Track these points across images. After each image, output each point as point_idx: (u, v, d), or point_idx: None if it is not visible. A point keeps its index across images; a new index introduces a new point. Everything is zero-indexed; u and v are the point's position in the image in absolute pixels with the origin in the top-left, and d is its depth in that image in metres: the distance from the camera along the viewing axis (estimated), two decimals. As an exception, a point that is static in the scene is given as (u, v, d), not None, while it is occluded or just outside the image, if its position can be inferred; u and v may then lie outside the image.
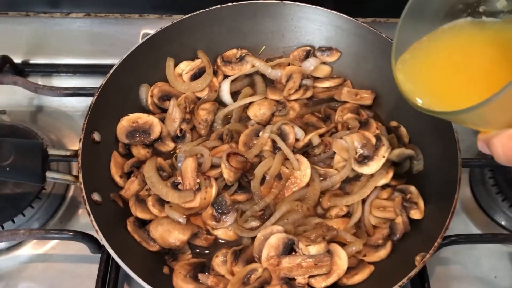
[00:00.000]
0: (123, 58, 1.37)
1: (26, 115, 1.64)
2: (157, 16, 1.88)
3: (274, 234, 1.18)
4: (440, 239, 1.11)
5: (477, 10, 0.91)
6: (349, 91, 1.47)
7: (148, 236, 1.21)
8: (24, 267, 1.35)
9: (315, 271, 1.14)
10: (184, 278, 1.12)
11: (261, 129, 1.38)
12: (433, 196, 1.27)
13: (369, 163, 1.27)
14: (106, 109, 1.32)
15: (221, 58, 1.52)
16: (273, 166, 1.30)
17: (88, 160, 1.22)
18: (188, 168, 1.27)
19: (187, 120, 1.40)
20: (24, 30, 1.80)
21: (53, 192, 1.44)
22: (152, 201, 1.24)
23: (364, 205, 1.27)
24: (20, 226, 1.36)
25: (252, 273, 1.13)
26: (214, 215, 1.24)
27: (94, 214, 1.13)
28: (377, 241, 1.23)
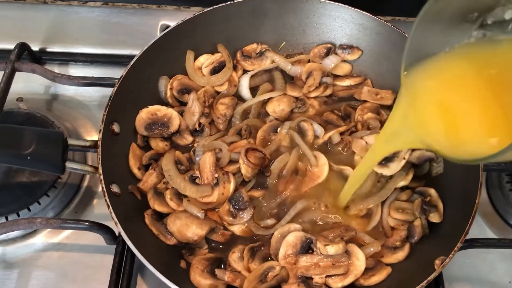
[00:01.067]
0: (143, 49, 1.36)
1: (42, 103, 1.63)
2: (175, 7, 1.86)
3: (292, 232, 1.18)
4: (460, 244, 1.11)
5: (486, 21, 0.84)
6: (370, 91, 1.45)
7: (166, 230, 1.21)
8: (38, 255, 1.35)
9: (332, 271, 1.14)
10: (201, 273, 1.12)
11: (280, 125, 1.38)
12: (452, 199, 1.26)
13: (389, 164, 1.26)
14: (126, 100, 1.31)
15: (241, 52, 1.51)
16: (289, 162, 1.29)
17: (107, 151, 1.21)
18: (206, 162, 1.26)
19: (206, 114, 1.39)
20: (41, 17, 1.78)
21: (68, 182, 1.44)
22: (170, 194, 1.23)
23: (383, 207, 1.26)
24: (36, 214, 1.36)
25: (269, 270, 1.13)
26: (231, 211, 1.23)
27: (113, 206, 1.12)
28: (395, 243, 1.23)
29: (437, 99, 0.85)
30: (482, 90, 0.78)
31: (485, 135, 0.73)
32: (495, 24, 0.83)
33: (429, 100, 0.85)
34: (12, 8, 1.80)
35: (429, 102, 0.85)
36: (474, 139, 0.75)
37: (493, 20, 0.83)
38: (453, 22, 0.85)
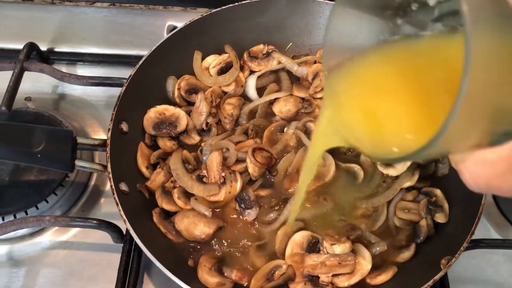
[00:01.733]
0: (152, 49, 1.37)
1: (49, 102, 1.64)
2: (181, 8, 1.88)
3: (298, 232, 1.19)
4: (466, 244, 1.11)
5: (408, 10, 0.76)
6: (375, 92, 1.46)
7: (173, 228, 1.21)
8: (45, 253, 1.36)
9: (339, 270, 1.14)
10: (209, 271, 1.13)
11: (286, 125, 1.39)
12: (457, 200, 1.27)
13: (395, 164, 1.27)
14: (134, 100, 1.33)
15: (247, 53, 1.52)
16: (295, 160, 1.31)
17: (116, 150, 1.22)
18: (213, 161, 1.27)
19: (213, 114, 1.40)
20: (49, 18, 1.80)
21: (76, 180, 1.45)
22: (178, 193, 1.24)
23: (389, 207, 1.27)
24: (44, 212, 1.37)
25: (276, 269, 1.14)
26: (237, 209, 1.24)
27: (121, 204, 1.13)
28: (401, 242, 1.23)
29: (356, 101, 0.81)
30: (401, 90, 0.75)
31: (402, 136, 0.71)
32: (418, 14, 0.76)
33: (348, 102, 0.82)
34: (20, 9, 1.82)
35: (349, 103, 0.82)
36: (393, 140, 0.72)
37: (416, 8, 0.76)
38: (372, 13, 0.79)
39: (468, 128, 0.54)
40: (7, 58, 1.54)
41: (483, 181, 0.59)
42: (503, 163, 0.56)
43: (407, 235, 1.24)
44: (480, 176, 0.59)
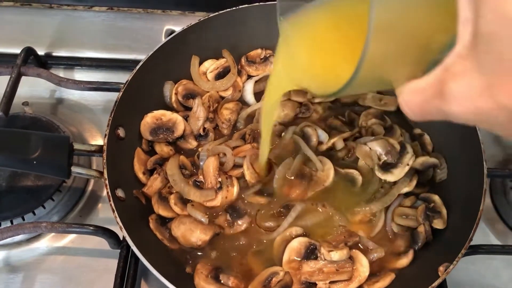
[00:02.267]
0: (149, 54, 1.36)
1: (47, 107, 1.64)
2: (180, 12, 1.87)
3: (296, 238, 1.18)
4: (464, 250, 1.11)
5: None
6: (374, 96, 1.46)
7: (170, 235, 1.21)
8: (42, 259, 1.36)
9: (336, 277, 1.14)
10: (206, 279, 1.12)
11: (284, 130, 1.38)
12: (456, 206, 1.26)
13: (393, 170, 1.26)
14: (131, 105, 1.32)
15: (245, 58, 1.52)
16: (293, 166, 1.30)
17: (112, 156, 1.21)
18: (210, 167, 1.27)
19: (210, 119, 1.40)
20: (47, 22, 1.79)
21: (73, 186, 1.44)
22: (174, 199, 1.24)
23: (387, 212, 1.26)
24: (40, 218, 1.36)
25: (273, 276, 1.13)
26: (228, 220, 1.24)
27: (118, 211, 1.13)
28: (399, 249, 1.23)
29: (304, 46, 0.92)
30: (337, 37, 0.86)
31: (338, 72, 0.80)
32: None
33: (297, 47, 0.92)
34: (18, 13, 1.81)
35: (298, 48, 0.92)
36: (332, 77, 0.83)
37: None
38: None
39: (386, 54, 0.63)
40: (4, 63, 1.53)
41: (416, 108, 0.64)
42: (430, 89, 0.61)
43: (405, 241, 1.23)
44: (413, 103, 0.65)
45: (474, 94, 0.56)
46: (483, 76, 0.55)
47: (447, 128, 1.37)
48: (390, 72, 0.67)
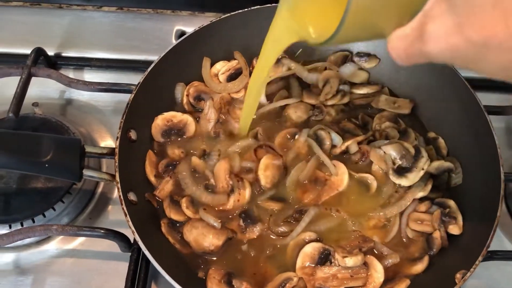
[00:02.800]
0: (161, 56, 1.35)
1: (56, 108, 1.63)
2: (189, 12, 1.86)
3: (310, 243, 1.17)
4: (481, 257, 1.09)
5: None
6: (387, 99, 1.44)
7: (182, 239, 1.20)
8: (52, 261, 1.35)
9: (350, 283, 1.12)
10: (218, 283, 1.11)
11: (297, 132, 1.37)
12: (471, 211, 1.24)
13: (408, 174, 1.25)
14: (142, 107, 1.31)
15: (257, 59, 1.50)
16: (306, 170, 1.28)
17: (124, 159, 1.20)
18: (221, 170, 1.26)
19: (222, 121, 1.38)
20: (56, 22, 1.79)
21: (83, 188, 1.43)
22: (186, 202, 1.22)
23: (402, 218, 1.24)
24: (51, 220, 1.36)
25: (287, 282, 1.12)
26: (241, 225, 1.22)
27: (130, 214, 1.11)
28: (414, 254, 1.21)
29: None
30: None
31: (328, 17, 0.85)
32: None
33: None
34: (28, 13, 1.81)
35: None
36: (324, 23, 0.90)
37: None
38: None
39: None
40: (15, 64, 1.53)
41: (402, 52, 0.71)
42: (413, 33, 0.68)
43: (420, 247, 1.22)
44: (399, 48, 0.71)
45: (447, 32, 0.63)
46: (455, 16, 0.62)
47: (462, 131, 1.35)
48: (379, 22, 0.73)
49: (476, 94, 1.31)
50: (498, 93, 1.72)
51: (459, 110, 1.36)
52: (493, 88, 1.72)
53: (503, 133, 1.66)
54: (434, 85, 1.42)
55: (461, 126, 1.35)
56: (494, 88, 1.72)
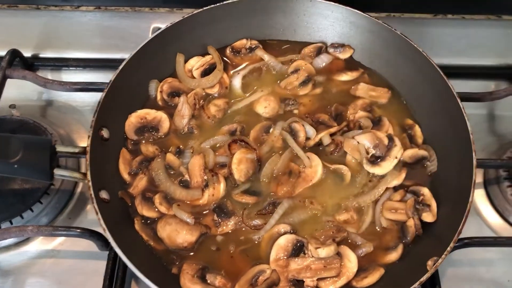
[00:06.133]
0: (132, 53, 1.35)
1: (35, 109, 1.63)
2: (167, 9, 1.85)
3: (283, 235, 1.17)
4: (453, 244, 1.09)
5: None
6: (366, 87, 1.43)
7: (155, 235, 1.19)
8: (32, 262, 1.35)
9: (324, 274, 1.12)
10: (191, 279, 1.11)
11: (271, 125, 1.36)
12: (446, 198, 1.24)
13: (381, 163, 1.25)
14: (115, 105, 1.31)
15: (230, 48, 1.51)
16: (280, 163, 1.28)
17: (96, 157, 1.20)
18: (195, 165, 1.26)
19: (196, 116, 1.38)
20: (34, 23, 1.78)
21: (61, 188, 1.43)
22: (159, 198, 1.22)
23: (376, 207, 1.24)
24: (29, 221, 1.36)
25: (260, 274, 1.12)
26: (215, 220, 1.22)
27: (102, 213, 1.11)
28: (388, 243, 1.21)
29: None
30: None
31: None
32: None
33: None
34: (5, 15, 1.80)
35: None
36: None
37: None
38: None
39: None
40: (-11, 66, 1.53)
41: None
42: None
43: (394, 236, 1.22)
44: None
45: None
46: None
47: (437, 118, 1.35)
48: None
49: (449, 81, 1.31)
50: (477, 80, 1.72)
51: (433, 97, 1.36)
52: (472, 76, 1.72)
53: (484, 120, 1.66)
54: (409, 73, 1.42)
55: (436, 113, 1.35)
56: (472, 75, 1.72)
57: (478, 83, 1.71)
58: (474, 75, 1.73)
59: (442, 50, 1.76)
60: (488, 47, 1.78)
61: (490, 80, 1.74)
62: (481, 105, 1.60)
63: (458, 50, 1.77)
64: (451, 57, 1.74)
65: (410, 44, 1.37)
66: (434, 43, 1.76)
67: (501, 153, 1.53)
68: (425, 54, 1.35)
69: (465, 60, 1.75)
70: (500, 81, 1.74)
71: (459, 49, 1.77)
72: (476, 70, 1.74)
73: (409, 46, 1.37)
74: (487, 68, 1.75)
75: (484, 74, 1.74)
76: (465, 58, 1.75)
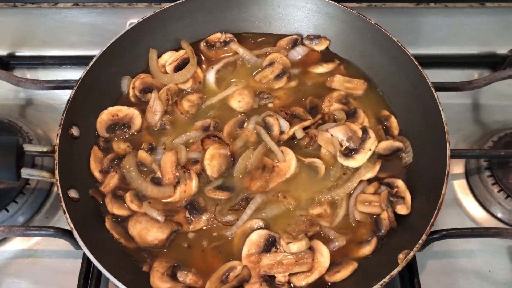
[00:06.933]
0: (103, 49, 1.33)
1: (12, 108, 1.62)
2: (146, 4, 1.82)
3: (256, 231, 1.15)
4: (425, 236, 1.07)
5: None
6: (341, 79, 1.41)
7: (126, 233, 1.18)
8: (8, 262, 1.35)
9: (296, 269, 1.11)
10: (161, 277, 1.10)
11: (245, 120, 1.34)
12: (421, 190, 1.22)
13: (355, 156, 1.23)
14: (86, 102, 1.30)
15: (204, 42, 1.49)
16: (253, 158, 1.27)
17: (66, 156, 1.19)
18: (167, 162, 1.24)
19: (169, 112, 1.36)
20: (10, 21, 1.76)
21: (38, 187, 1.42)
22: (131, 196, 1.21)
23: (350, 200, 1.22)
24: (4, 221, 1.35)
25: (230, 270, 1.11)
26: (187, 217, 1.21)
27: (70, 212, 1.11)
28: (362, 237, 1.19)
29: None
30: None
31: None
32: None
33: None
34: (-22, 14, 1.79)
35: None
36: None
37: None
38: None
39: None
40: (-38, 66, 1.52)
41: None
42: None
43: (368, 229, 1.20)
44: None
45: None
46: None
47: (412, 109, 1.33)
48: None
49: (423, 71, 1.29)
50: (460, 69, 1.70)
51: (409, 88, 1.34)
52: (455, 65, 1.71)
53: (468, 109, 1.65)
54: (384, 63, 1.40)
55: (412, 104, 1.33)
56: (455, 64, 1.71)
57: (461, 72, 1.70)
58: (457, 64, 1.71)
59: (425, 39, 1.74)
60: (471, 35, 1.75)
61: (474, 69, 1.72)
62: (465, 94, 1.58)
63: (441, 39, 1.75)
64: (434, 47, 1.72)
65: (384, 34, 1.35)
66: (417, 32, 1.74)
67: (483, 142, 1.51)
68: (399, 43, 1.33)
69: (448, 49, 1.73)
70: (484, 70, 1.71)
71: (442, 38, 1.75)
72: (460, 59, 1.72)
73: (383, 35, 1.35)
74: (470, 57, 1.72)
75: (467, 63, 1.72)
76: (448, 47, 1.73)
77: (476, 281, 1.32)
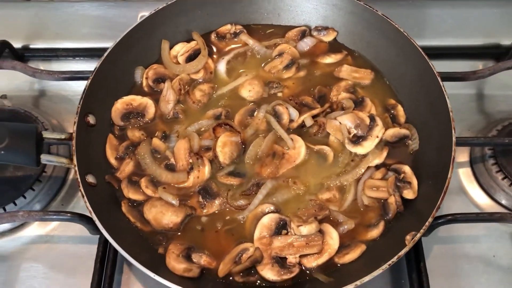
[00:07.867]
0: (117, 41, 1.37)
1: (27, 99, 1.66)
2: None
3: (267, 215, 1.19)
4: (431, 219, 1.11)
5: None
6: (349, 69, 1.45)
7: (142, 217, 1.22)
8: (26, 248, 1.38)
9: (306, 251, 1.15)
10: (176, 258, 1.14)
11: (256, 108, 1.38)
12: (427, 176, 1.26)
13: (363, 143, 1.27)
14: (101, 92, 1.33)
15: (215, 34, 1.52)
16: (264, 144, 1.30)
17: (83, 143, 1.23)
18: (181, 149, 1.28)
19: (181, 101, 1.40)
20: (24, 15, 1.81)
21: (53, 175, 1.46)
22: (146, 182, 1.25)
23: (358, 185, 1.26)
24: (22, 208, 1.39)
25: (243, 252, 1.15)
26: (200, 201, 1.25)
27: (88, 196, 1.14)
28: (370, 220, 1.23)
29: None
30: None
31: None
32: None
33: None
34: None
35: None
36: None
37: None
38: None
39: None
40: (-21, 57, 1.55)
41: None
42: None
43: (376, 213, 1.24)
44: None
45: None
46: None
47: (419, 97, 1.36)
48: None
49: (430, 61, 1.32)
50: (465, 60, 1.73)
51: (415, 77, 1.37)
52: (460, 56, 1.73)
53: (472, 99, 1.67)
54: (391, 54, 1.43)
55: (418, 93, 1.36)
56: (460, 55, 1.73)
57: (465, 63, 1.72)
58: (462, 55, 1.74)
59: (430, 31, 1.77)
60: (476, 27, 1.78)
61: (478, 60, 1.75)
62: (469, 84, 1.61)
63: (446, 30, 1.78)
64: (439, 38, 1.75)
65: (391, 25, 1.38)
66: (422, 24, 1.77)
67: (487, 131, 1.54)
68: (406, 34, 1.36)
69: (453, 40, 1.76)
70: (488, 61, 1.74)
71: (447, 29, 1.78)
72: (464, 50, 1.74)
73: (390, 26, 1.38)
74: (475, 48, 1.75)
75: (472, 54, 1.74)
76: (453, 38, 1.76)
77: (480, 266, 1.35)
